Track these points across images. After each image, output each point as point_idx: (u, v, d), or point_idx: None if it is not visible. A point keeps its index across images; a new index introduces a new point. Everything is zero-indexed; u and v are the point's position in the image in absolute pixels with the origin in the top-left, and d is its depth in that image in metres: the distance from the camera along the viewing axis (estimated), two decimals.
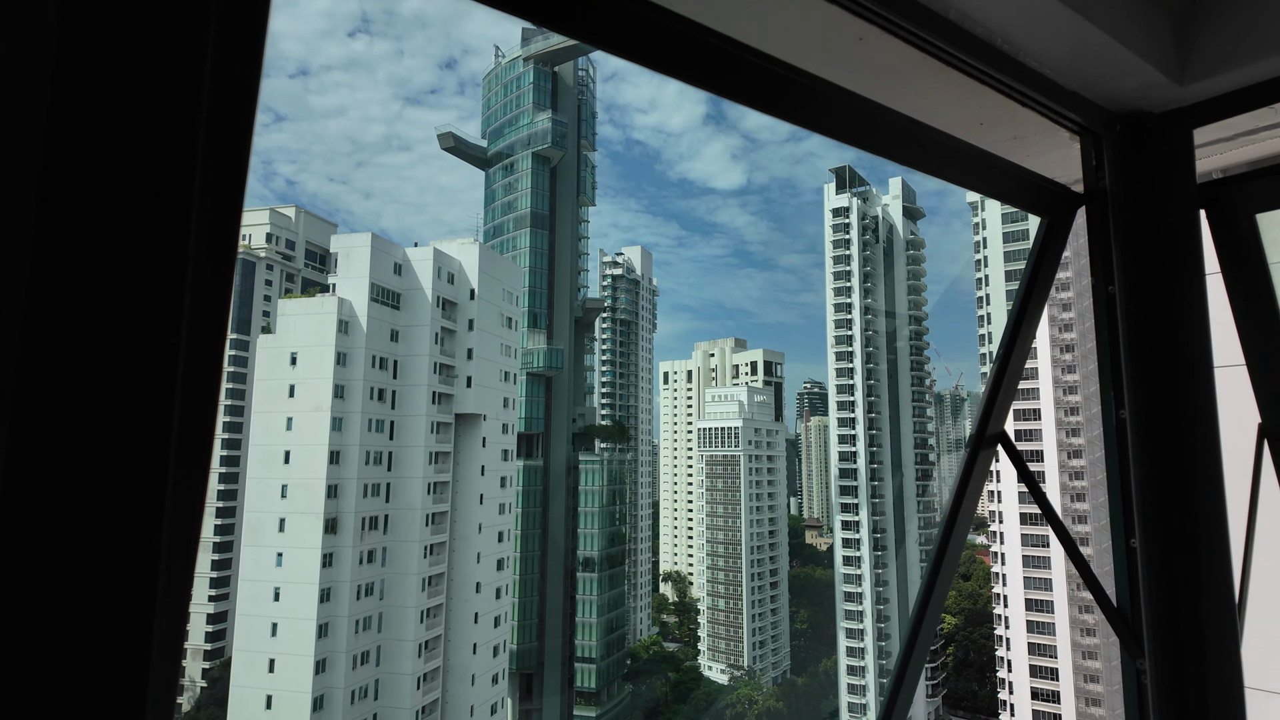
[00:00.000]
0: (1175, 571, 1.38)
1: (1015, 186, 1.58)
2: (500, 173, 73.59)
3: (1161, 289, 1.45)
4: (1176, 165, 1.46)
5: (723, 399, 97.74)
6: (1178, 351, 1.43)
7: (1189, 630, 1.35)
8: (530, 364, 69.70)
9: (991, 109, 1.43)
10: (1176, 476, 1.41)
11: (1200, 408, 1.40)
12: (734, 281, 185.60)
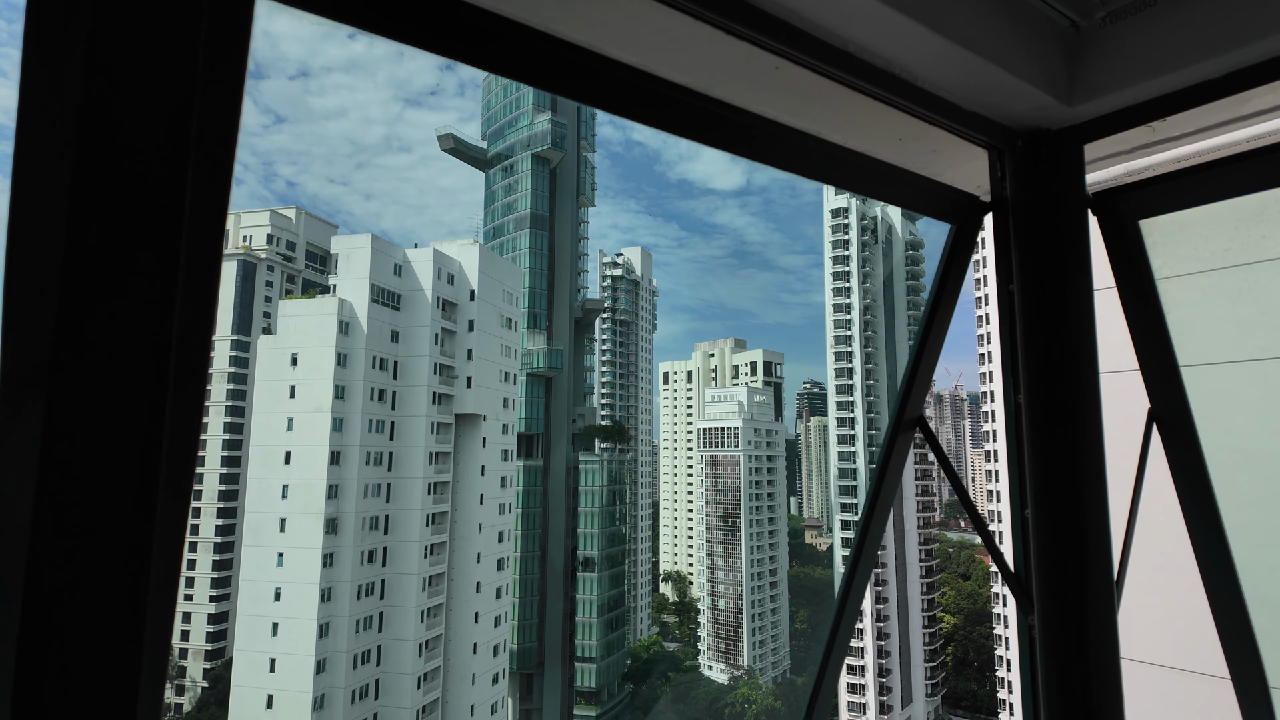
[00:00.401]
0: (1062, 538, 1.55)
1: (924, 197, 1.75)
2: (500, 174, 73.74)
3: (1053, 286, 1.62)
4: (1069, 176, 1.63)
5: (722, 399, 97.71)
6: (1067, 342, 1.60)
7: (1072, 590, 1.52)
8: (530, 364, 69.81)
9: (907, 127, 1.60)
10: (1064, 454, 1.58)
11: (1086, 393, 1.57)
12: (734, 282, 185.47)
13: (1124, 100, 1.52)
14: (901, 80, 1.44)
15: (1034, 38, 1.50)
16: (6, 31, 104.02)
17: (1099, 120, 1.58)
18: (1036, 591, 1.56)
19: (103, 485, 0.69)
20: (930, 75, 1.46)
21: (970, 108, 1.56)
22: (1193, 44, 1.39)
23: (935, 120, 1.54)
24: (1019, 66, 1.45)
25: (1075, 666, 1.51)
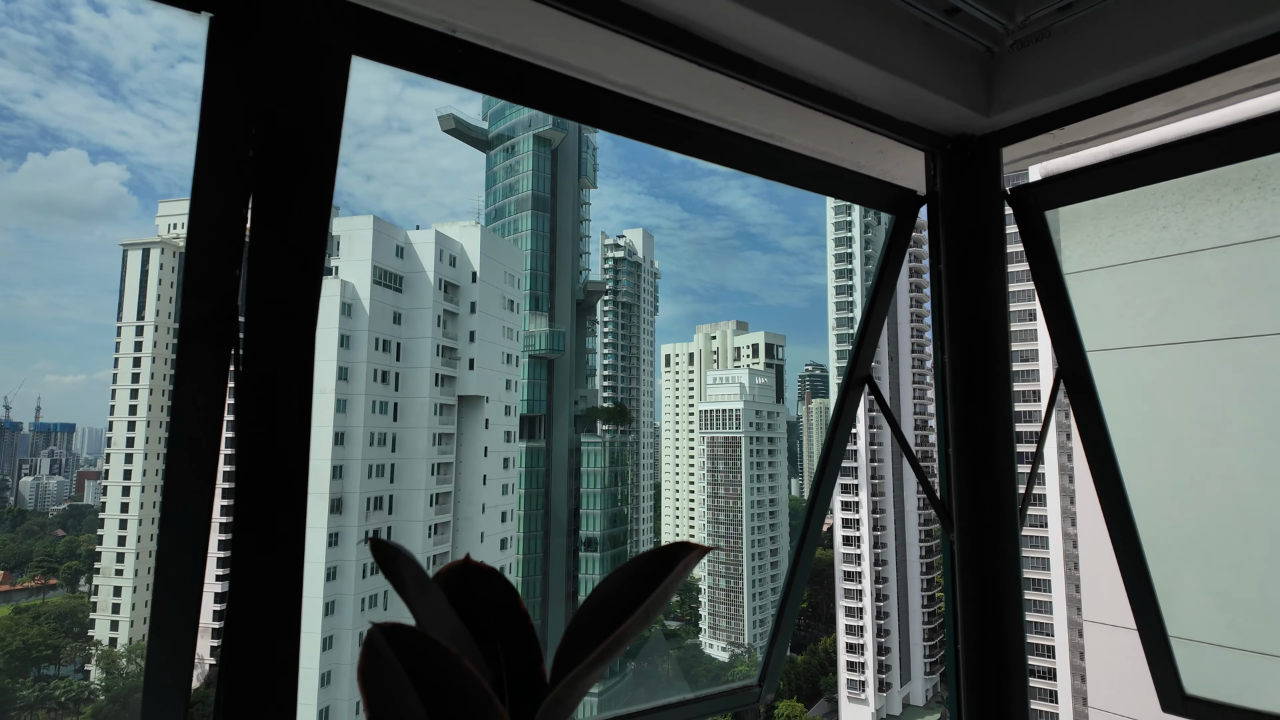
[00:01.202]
0: (976, 471, 1.91)
1: (868, 192, 2.09)
2: (501, 155, 73.57)
3: (974, 266, 1.96)
4: (988, 174, 1.97)
5: (724, 381, 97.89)
6: (984, 312, 1.95)
7: (986, 510, 1.89)
8: (532, 347, 70.07)
9: (855, 133, 1.94)
10: (979, 403, 1.93)
11: (998, 354, 1.92)
12: (736, 264, 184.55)
13: (1030, 112, 1.86)
14: (844, 98, 1.78)
15: (956, 61, 1.83)
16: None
17: (1011, 129, 1.91)
18: (956, 513, 1.93)
19: (277, 410, 1.03)
20: (869, 94, 1.80)
21: (904, 118, 1.89)
22: (1077, 69, 1.72)
23: (876, 129, 1.88)
24: (943, 86, 1.79)
25: (985, 572, 1.88)
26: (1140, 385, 2.71)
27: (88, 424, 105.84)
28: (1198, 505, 2.93)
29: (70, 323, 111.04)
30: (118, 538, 60.02)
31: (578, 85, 1.57)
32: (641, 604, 0.76)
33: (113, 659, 54.28)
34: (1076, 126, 1.84)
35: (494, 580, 0.90)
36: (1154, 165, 1.80)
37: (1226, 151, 1.69)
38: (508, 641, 0.85)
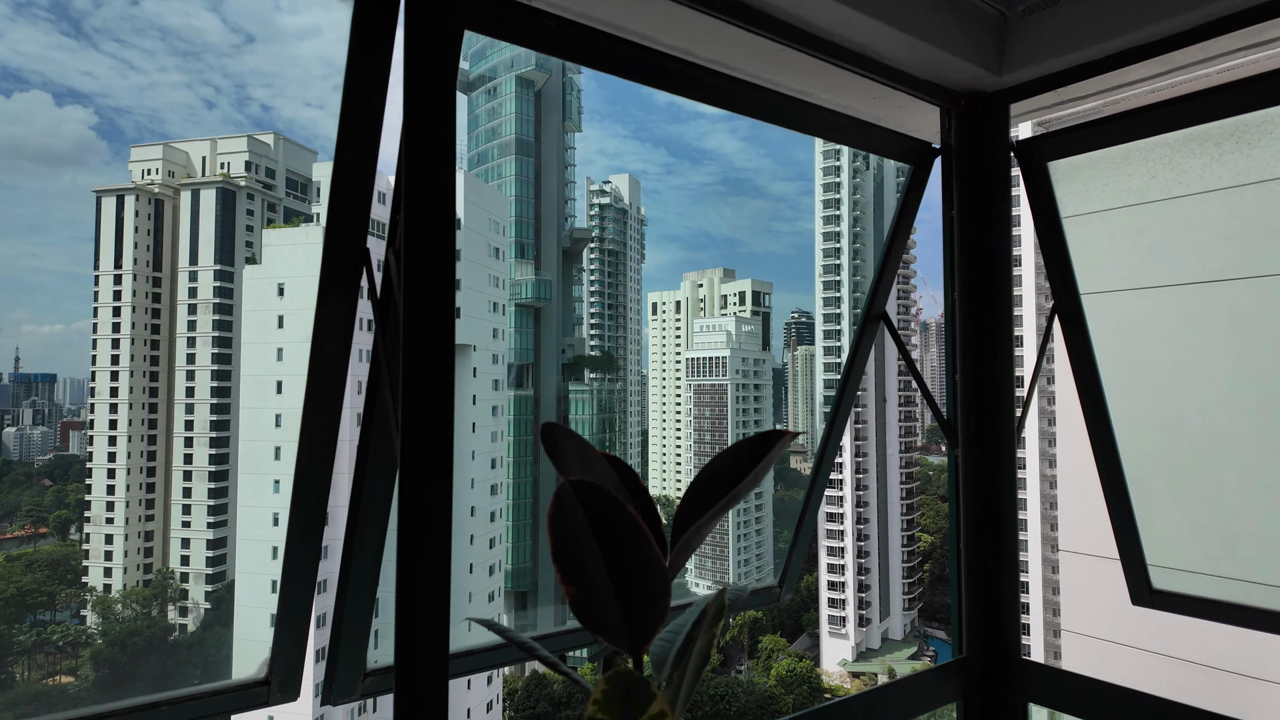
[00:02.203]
0: (980, 392, 2.18)
1: (888, 144, 2.29)
2: (483, 97, 71.80)
3: (983, 212, 2.19)
4: (997, 128, 2.18)
5: (711, 329, 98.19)
6: (989, 253, 2.18)
7: (986, 428, 2.16)
8: (518, 295, 69.77)
9: (878, 89, 2.14)
10: (984, 335, 2.18)
11: (1001, 291, 2.16)
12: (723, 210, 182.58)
13: (1037, 72, 2.06)
14: (871, 59, 1.97)
15: (972, 25, 2.02)
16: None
17: (1020, 86, 2.12)
18: (960, 432, 2.20)
19: (425, 347, 1.24)
20: (894, 55, 1.99)
21: (925, 77, 2.09)
22: (1082, 33, 1.92)
23: (899, 87, 2.09)
24: (960, 48, 1.98)
25: (986, 483, 2.16)
26: (1126, 326, 2.97)
27: (69, 374, 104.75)
28: (1177, 441, 3.23)
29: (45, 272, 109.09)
30: (106, 487, 60.16)
31: (632, 47, 1.76)
32: (751, 471, 1.01)
33: (108, 604, 55.07)
34: (1077, 85, 2.05)
35: (622, 464, 1.15)
36: (1146, 122, 2.01)
37: (1210, 109, 1.90)
38: (642, 507, 1.10)
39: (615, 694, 0.91)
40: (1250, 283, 2.66)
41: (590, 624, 0.99)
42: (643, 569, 0.96)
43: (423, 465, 1.17)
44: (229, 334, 71.19)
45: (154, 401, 62.53)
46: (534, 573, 68.09)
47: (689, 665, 0.98)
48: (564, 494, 0.94)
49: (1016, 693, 2.08)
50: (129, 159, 65.46)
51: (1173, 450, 3.25)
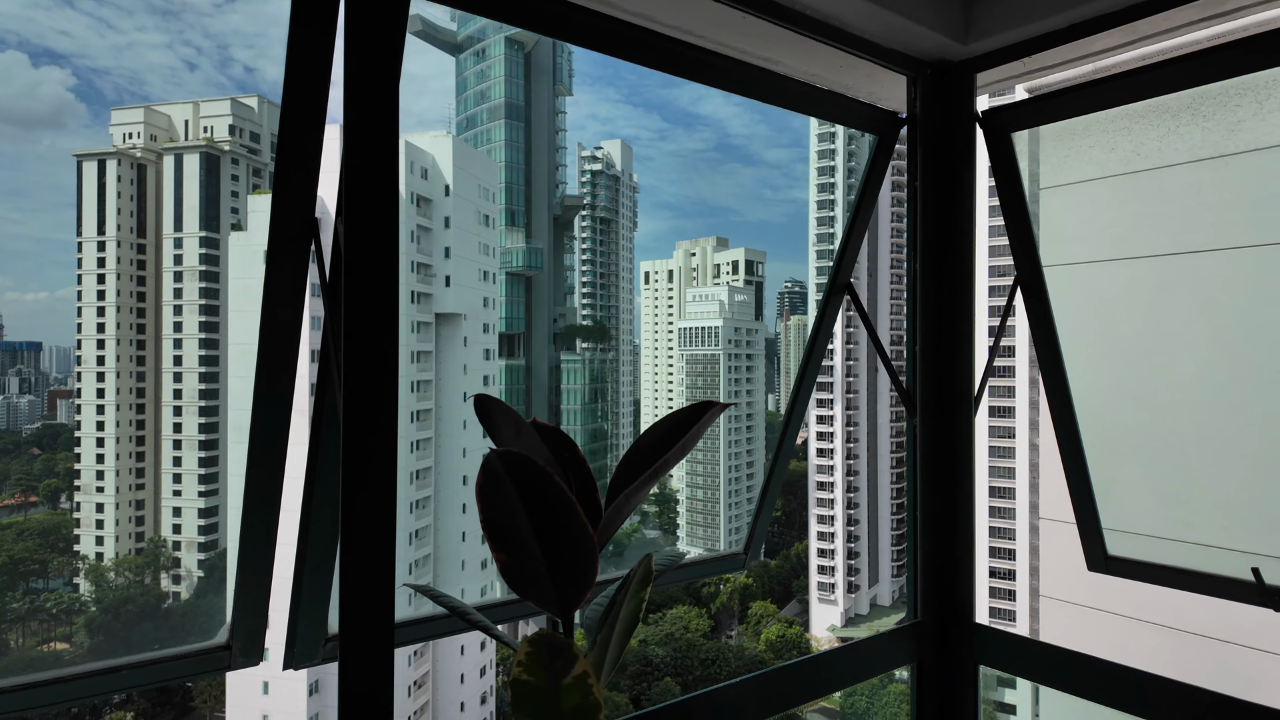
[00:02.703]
0: (939, 362, 2.20)
1: (853, 113, 2.28)
2: (471, 59, 70.48)
3: (946, 182, 2.19)
4: (962, 97, 2.17)
5: (703, 299, 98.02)
6: (951, 223, 2.19)
7: (945, 398, 2.19)
8: (509, 263, 69.30)
9: (845, 58, 2.12)
10: (945, 306, 2.20)
11: (963, 262, 2.17)
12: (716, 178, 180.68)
13: (1002, 41, 2.05)
14: (838, 28, 1.95)
15: None
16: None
17: (985, 56, 2.10)
18: (919, 402, 2.23)
19: (366, 313, 1.24)
20: (859, 23, 1.97)
21: (890, 45, 2.07)
22: (1047, 1, 1.91)
23: (864, 56, 2.07)
24: (924, 16, 1.97)
25: (943, 453, 2.19)
26: (1097, 298, 3.00)
27: (54, 342, 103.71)
28: (1144, 409, 3.28)
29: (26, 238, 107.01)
30: (95, 455, 60.06)
31: (588, 14, 1.74)
32: (679, 441, 1.03)
33: (101, 572, 55.35)
34: (1043, 55, 2.04)
35: (559, 433, 1.17)
36: (1109, 92, 2.01)
37: (1172, 80, 1.90)
38: (578, 475, 1.12)
39: (539, 655, 0.94)
40: (1212, 255, 2.69)
41: (521, 589, 1.02)
42: (570, 536, 0.98)
43: (365, 431, 1.18)
44: (216, 302, 70.58)
45: (142, 370, 62.12)
46: None
47: (615, 629, 1.01)
48: (491, 464, 0.95)
49: (967, 655, 2.14)
50: (109, 122, 64.12)
51: (1139, 418, 3.31)
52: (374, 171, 1.20)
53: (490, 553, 1.00)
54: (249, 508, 1.60)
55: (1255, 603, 2.10)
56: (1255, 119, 2.09)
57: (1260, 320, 2.79)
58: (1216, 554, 3.18)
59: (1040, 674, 2.07)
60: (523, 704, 0.93)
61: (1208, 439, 3.15)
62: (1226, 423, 3.03)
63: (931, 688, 2.18)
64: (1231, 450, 3.03)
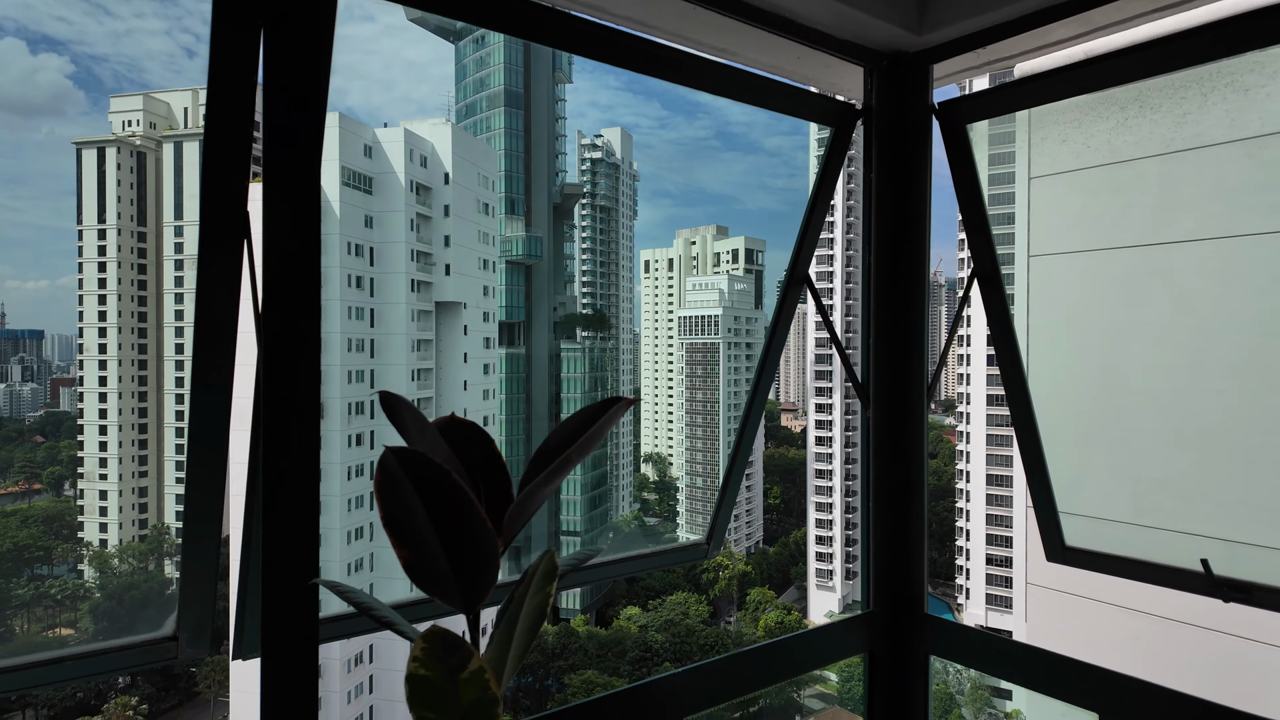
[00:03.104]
0: (892, 356, 2.21)
1: (808, 106, 2.27)
2: (470, 46, 70.01)
3: (900, 174, 2.18)
4: (917, 89, 2.16)
5: (703, 288, 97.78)
6: (906, 216, 2.19)
7: (897, 390, 2.20)
8: (509, 252, 69.09)
9: (803, 50, 2.11)
10: (899, 299, 2.20)
11: (917, 256, 2.18)
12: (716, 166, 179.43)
13: (957, 31, 2.04)
14: (788, 19, 1.94)
15: None
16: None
17: (941, 46, 2.09)
18: (873, 394, 2.23)
19: (287, 302, 1.25)
20: (809, 13, 1.96)
21: (842, 36, 2.07)
22: None
23: (819, 47, 2.06)
24: (877, 8, 1.96)
25: (895, 445, 2.20)
26: (1071, 288, 3.00)
27: (56, 330, 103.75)
28: (1110, 397, 3.29)
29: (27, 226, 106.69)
30: (99, 443, 60.25)
31: (536, 8, 1.73)
32: (582, 436, 1.04)
33: (105, 559, 55.68)
34: (999, 45, 2.03)
35: (475, 430, 1.17)
36: (1061, 83, 2.00)
37: (1120, 72, 1.89)
38: (485, 472, 1.13)
39: (434, 650, 0.95)
40: (1181, 247, 2.68)
41: (425, 585, 1.03)
42: (471, 532, 0.99)
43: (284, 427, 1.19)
44: None
45: (144, 358, 62.20)
46: (526, 528, 68.90)
47: (518, 625, 1.02)
48: (387, 462, 0.96)
49: (918, 645, 2.16)
50: (109, 110, 63.83)
51: (1104, 406, 3.31)
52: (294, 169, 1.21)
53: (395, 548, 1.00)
54: (190, 501, 1.61)
55: (1204, 593, 2.11)
56: (1200, 111, 2.08)
57: (1227, 311, 2.79)
58: (1178, 538, 3.20)
59: (989, 664, 2.09)
60: (420, 698, 0.95)
61: (1170, 425, 3.16)
62: (1186, 408, 3.04)
63: (883, 677, 2.20)
64: (1191, 437, 3.04)
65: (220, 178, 1.34)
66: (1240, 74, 2.26)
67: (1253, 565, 3.00)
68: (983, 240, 2.25)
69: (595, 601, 67.10)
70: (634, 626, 56.47)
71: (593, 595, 68.36)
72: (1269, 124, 2.33)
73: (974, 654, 2.12)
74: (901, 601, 2.20)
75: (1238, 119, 2.34)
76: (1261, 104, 2.22)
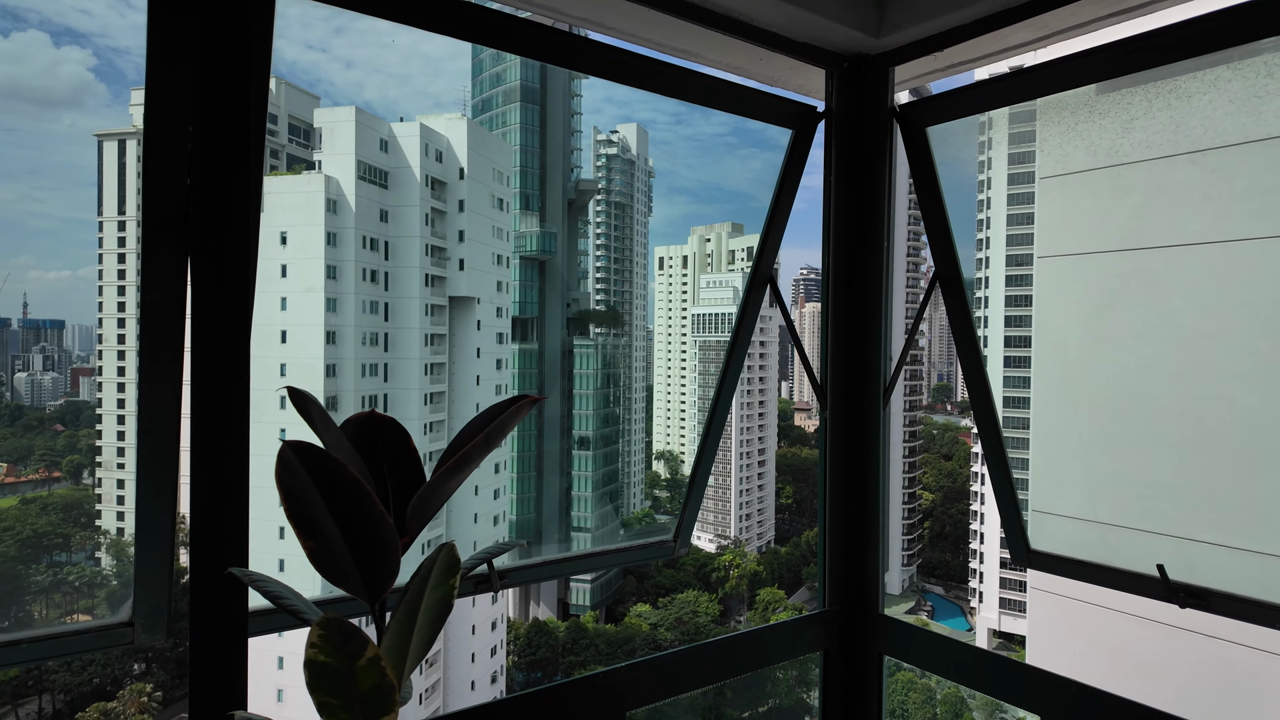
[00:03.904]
0: (850, 360, 2.21)
1: (768, 108, 2.28)
2: None
3: (859, 177, 2.19)
4: (878, 91, 2.17)
5: (717, 285, 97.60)
6: (863, 217, 2.20)
7: (854, 390, 2.21)
8: (523, 247, 69.20)
9: (764, 53, 2.13)
10: (855, 301, 2.21)
11: (872, 260, 2.18)
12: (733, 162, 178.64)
13: (915, 34, 2.04)
14: (744, 23, 1.96)
15: None
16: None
17: (900, 49, 2.10)
18: (829, 395, 2.25)
19: (219, 297, 1.29)
20: (765, 17, 1.98)
21: (801, 39, 2.08)
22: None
23: (780, 49, 2.07)
24: (833, 10, 1.97)
25: (852, 442, 2.21)
26: (1065, 294, 2.99)
27: (76, 320, 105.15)
28: (1093, 398, 3.28)
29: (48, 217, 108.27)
30: (117, 433, 61.07)
31: (490, 14, 1.76)
32: (481, 432, 1.06)
33: (121, 547, 56.49)
34: (958, 49, 2.03)
35: (392, 425, 1.20)
36: (1020, 86, 2.00)
37: (1076, 75, 1.89)
38: (399, 465, 1.16)
39: (331, 638, 0.98)
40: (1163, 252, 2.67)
41: (330, 576, 1.06)
42: (371, 524, 1.02)
43: (216, 420, 1.23)
44: None
45: None
46: (537, 523, 69.23)
47: (419, 616, 1.05)
48: (285, 455, 0.99)
49: (873, 645, 2.17)
50: (129, 102, 64.62)
51: (1085, 407, 3.31)
52: (224, 162, 1.24)
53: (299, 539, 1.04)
54: (142, 489, 1.66)
55: (1161, 598, 2.11)
56: (1145, 117, 2.07)
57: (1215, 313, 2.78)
58: (1195, 547, 3.19)
59: (940, 667, 2.10)
60: (320, 682, 0.98)
61: (1153, 426, 3.15)
62: (1168, 411, 3.03)
63: (838, 675, 2.22)
64: (1172, 437, 3.03)
65: (159, 178, 1.38)
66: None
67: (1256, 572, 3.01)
68: (943, 244, 2.25)
69: (605, 598, 67.19)
70: (644, 624, 56.55)
71: (602, 593, 68.45)
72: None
73: (926, 656, 2.13)
74: (856, 601, 2.21)
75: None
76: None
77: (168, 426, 1.61)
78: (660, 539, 2.59)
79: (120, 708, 40.99)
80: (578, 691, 1.84)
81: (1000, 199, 50.25)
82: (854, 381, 2.21)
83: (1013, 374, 53.26)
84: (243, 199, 1.23)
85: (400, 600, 1.07)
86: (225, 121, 1.26)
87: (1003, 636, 55.34)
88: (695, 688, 2.01)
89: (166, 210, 1.41)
